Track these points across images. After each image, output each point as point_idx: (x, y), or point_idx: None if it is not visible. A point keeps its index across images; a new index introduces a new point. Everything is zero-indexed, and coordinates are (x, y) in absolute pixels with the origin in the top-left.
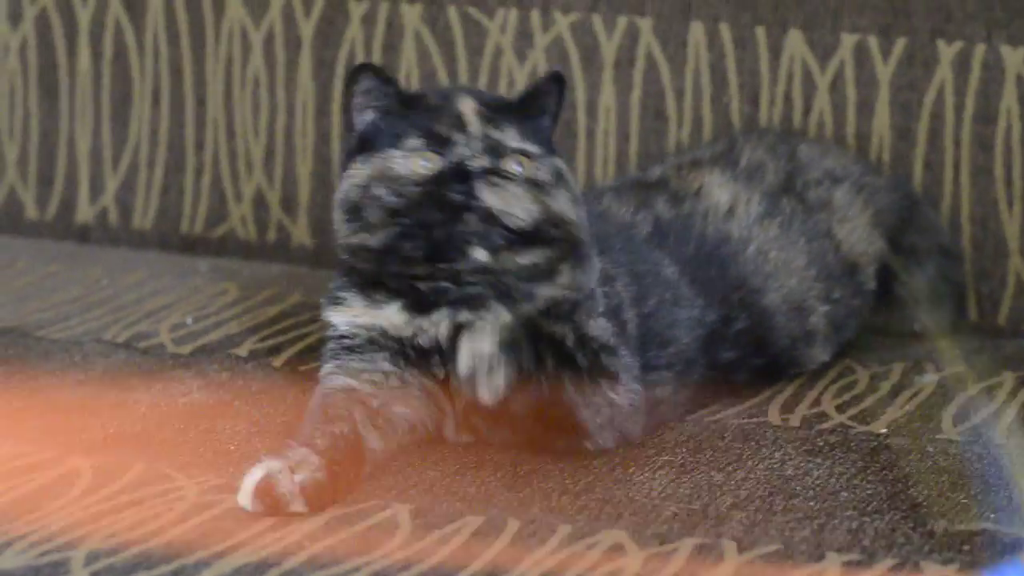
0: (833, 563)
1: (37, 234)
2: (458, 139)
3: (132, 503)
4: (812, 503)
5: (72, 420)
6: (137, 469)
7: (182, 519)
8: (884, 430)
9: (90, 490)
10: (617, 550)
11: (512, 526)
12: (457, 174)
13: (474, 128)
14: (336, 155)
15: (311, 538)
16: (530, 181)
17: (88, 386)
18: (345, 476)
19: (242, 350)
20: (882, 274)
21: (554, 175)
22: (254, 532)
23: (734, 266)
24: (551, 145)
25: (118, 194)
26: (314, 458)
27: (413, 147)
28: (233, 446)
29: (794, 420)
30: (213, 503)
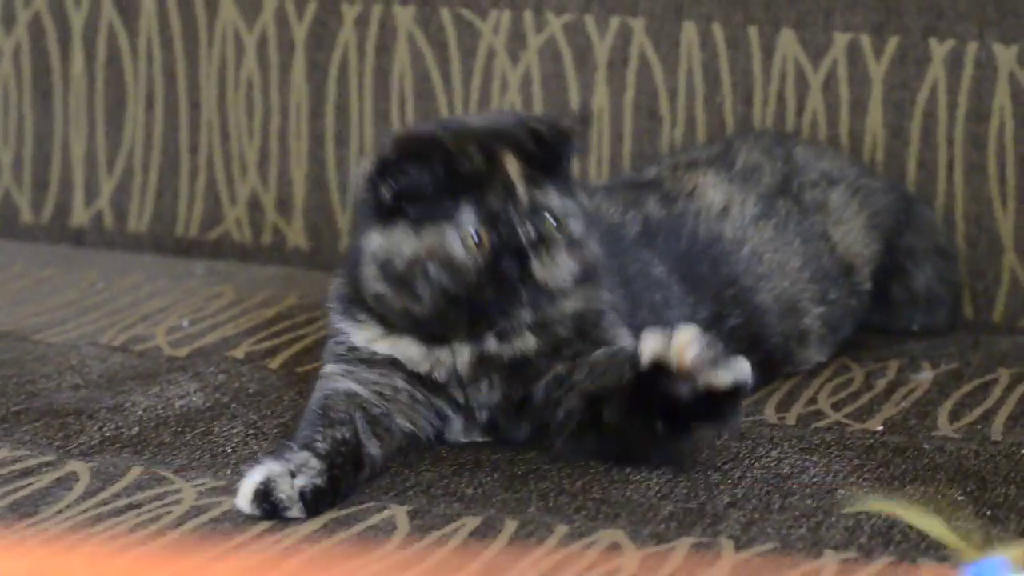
0: (830, 560)
1: (32, 238)
2: (509, 212)
3: (130, 506)
4: (809, 501)
5: (69, 424)
6: (135, 472)
7: (180, 522)
8: (880, 427)
9: (88, 494)
10: (614, 549)
11: (510, 526)
12: (510, 249)
13: (522, 194)
14: (331, 156)
15: (309, 540)
16: (570, 241)
17: (85, 389)
18: (345, 481)
19: (238, 352)
20: (879, 275)
21: (584, 222)
22: (252, 534)
23: (726, 264)
24: (574, 184)
25: (113, 197)
26: (315, 462)
27: (466, 224)
28: (230, 448)
29: (790, 418)
30: (211, 506)
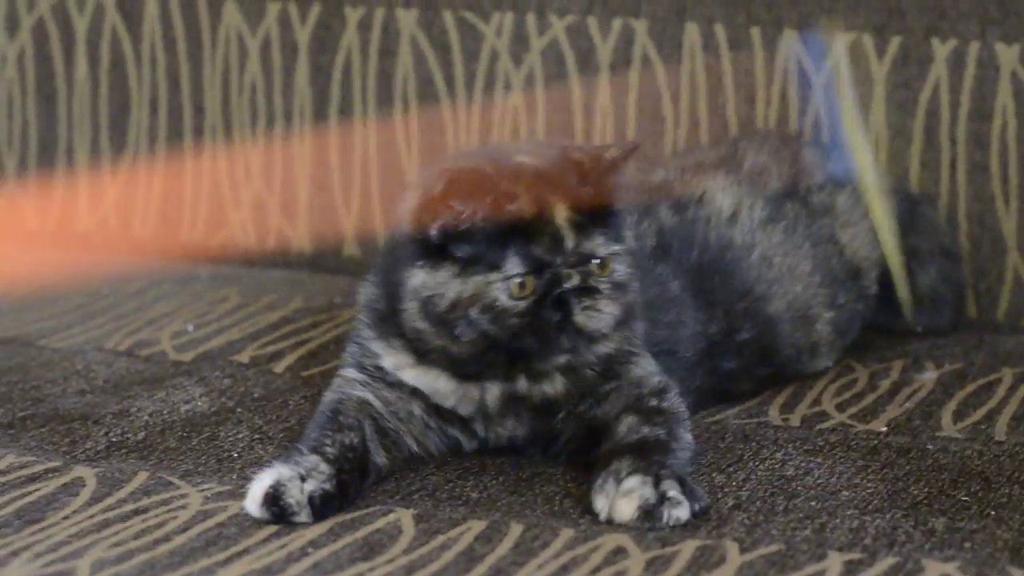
0: (835, 562)
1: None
2: (556, 261)
3: (136, 512)
4: (813, 503)
5: (75, 429)
6: (141, 478)
7: (186, 527)
8: (884, 428)
9: (94, 499)
10: (619, 553)
11: (515, 530)
12: (553, 297)
13: (569, 243)
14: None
15: (315, 544)
16: (614, 286)
17: (90, 395)
18: (352, 487)
19: (243, 356)
20: (884, 276)
21: (629, 265)
22: (257, 539)
23: (738, 275)
24: (623, 228)
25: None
26: (325, 467)
27: (513, 271)
28: (236, 453)
29: (794, 420)
30: (216, 510)
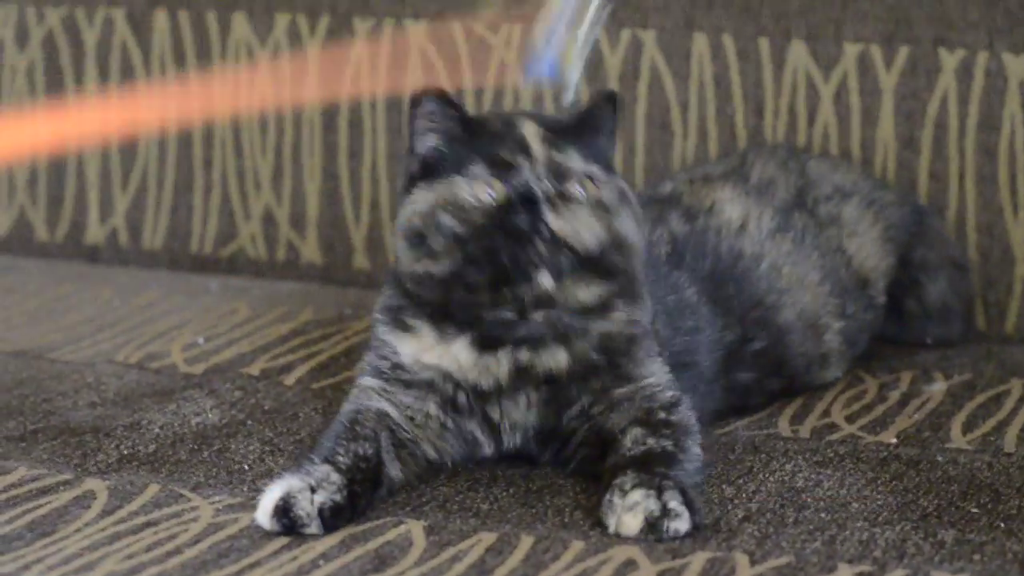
0: (845, 574)
1: (47, 255)
2: (522, 164)
3: (147, 524)
4: (823, 514)
5: (86, 442)
6: (152, 490)
7: (197, 539)
8: (894, 440)
9: (105, 512)
10: (630, 565)
11: (525, 542)
12: (523, 199)
13: (538, 152)
14: (344, 171)
15: (326, 556)
16: (596, 203)
17: (101, 407)
18: (364, 498)
19: (254, 369)
20: (893, 288)
21: (618, 196)
22: (269, 551)
23: (749, 284)
24: (611, 165)
25: (128, 214)
26: (336, 477)
27: (477, 174)
28: (247, 466)
29: (804, 431)
30: (228, 523)
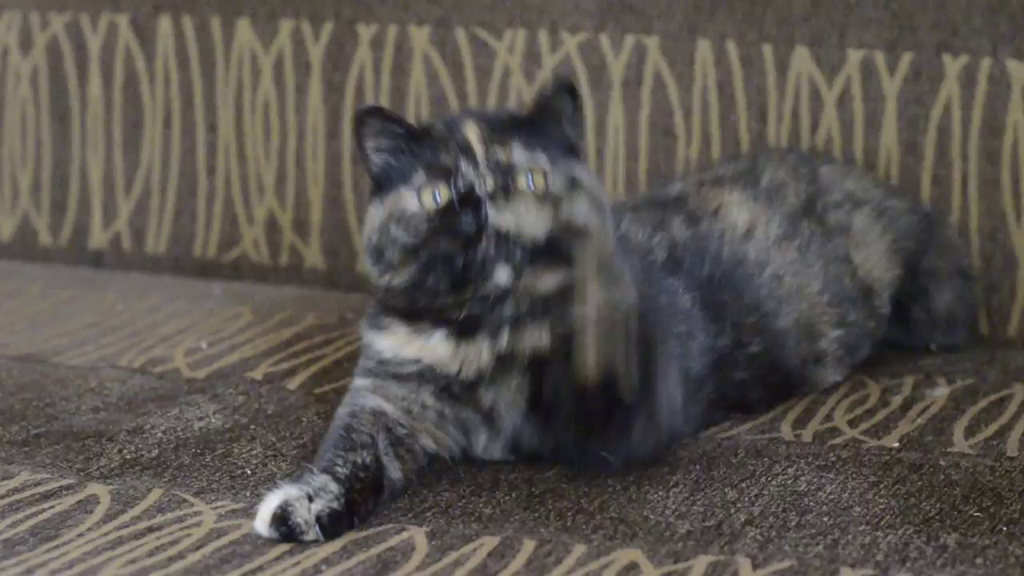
0: None
1: (51, 260)
2: (463, 166)
3: (150, 529)
4: (825, 518)
5: (89, 446)
6: (155, 495)
7: (200, 544)
8: (896, 444)
9: (108, 516)
10: (632, 568)
11: (528, 546)
12: (466, 201)
13: (479, 152)
14: (348, 176)
15: (328, 562)
16: (543, 193)
17: (104, 412)
18: (363, 505)
19: (257, 373)
20: (900, 295)
21: (567, 183)
22: (271, 557)
23: (749, 290)
24: (572, 150)
25: (131, 219)
26: (333, 486)
27: (419, 182)
28: (250, 470)
29: (806, 435)
30: (230, 528)
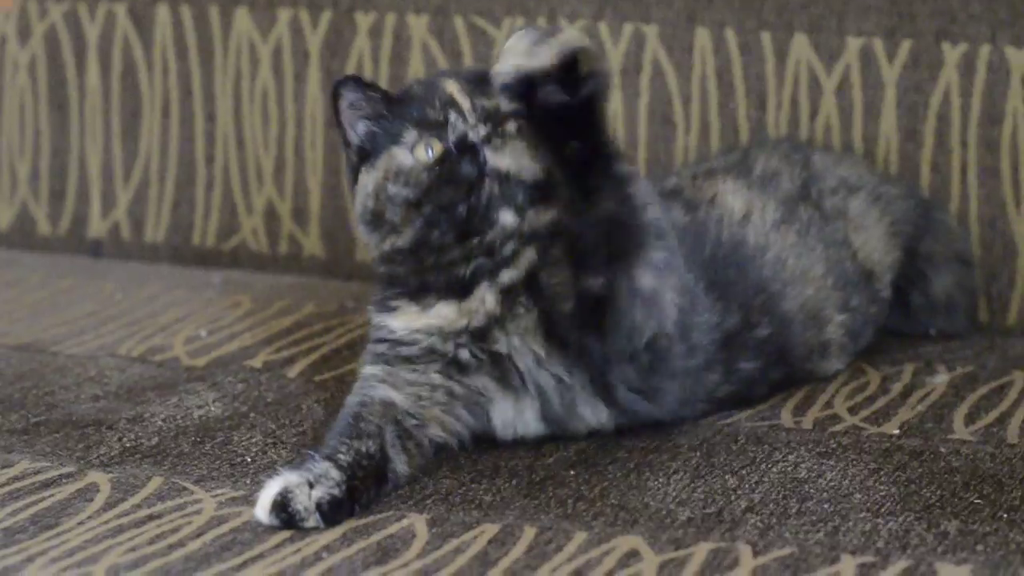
0: (848, 565)
1: (50, 249)
2: (452, 117)
3: (150, 517)
4: (826, 505)
5: (89, 434)
6: (155, 483)
7: (200, 532)
8: (896, 431)
9: (108, 505)
10: (633, 556)
11: (528, 533)
12: (462, 149)
13: (463, 103)
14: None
15: (329, 549)
16: (530, 135)
17: (104, 400)
18: (365, 493)
19: (256, 361)
20: (899, 281)
21: None
22: (272, 544)
23: (753, 270)
24: None
25: (130, 208)
26: (335, 473)
27: (412, 139)
28: (249, 458)
29: (806, 423)
30: (231, 516)
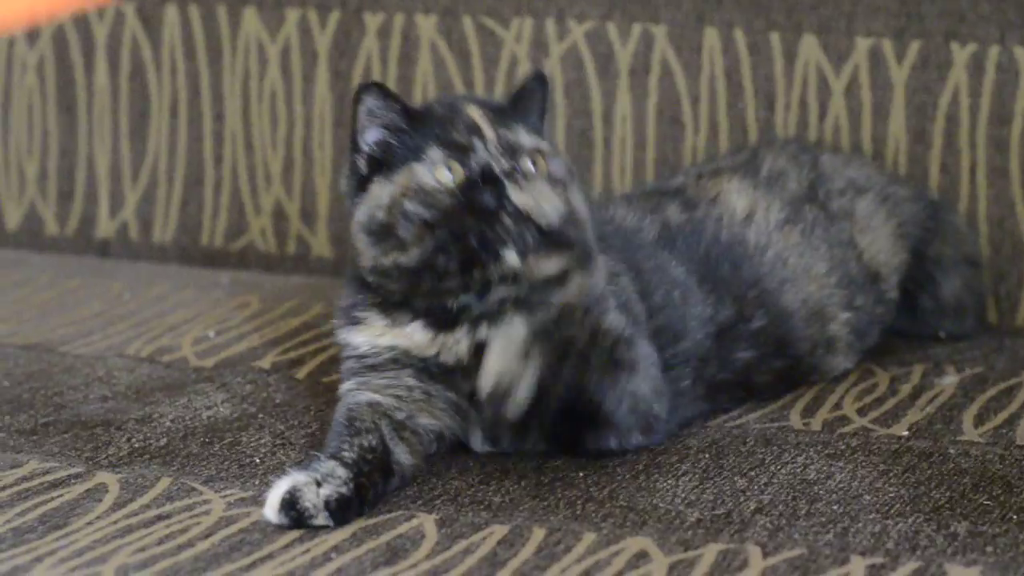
0: (857, 566)
1: (58, 250)
2: (477, 145)
3: (159, 517)
4: (835, 507)
5: (98, 435)
6: (163, 483)
7: (209, 533)
8: (905, 433)
9: (117, 505)
10: (642, 557)
11: (537, 534)
12: (485, 179)
13: (489, 132)
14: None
15: (338, 550)
16: (550, 178)
17: (113, 401)
18: (372, 489)
19: (265, 362)
20: (907, 283)
21: (567, 170)
22: (281, 544)
23: (748, 266)
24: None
25: (138, 208)
26: (341, 471)
27: (436, 159)
28: (258, 459)
29: (815, 424)
30: (239, 516)
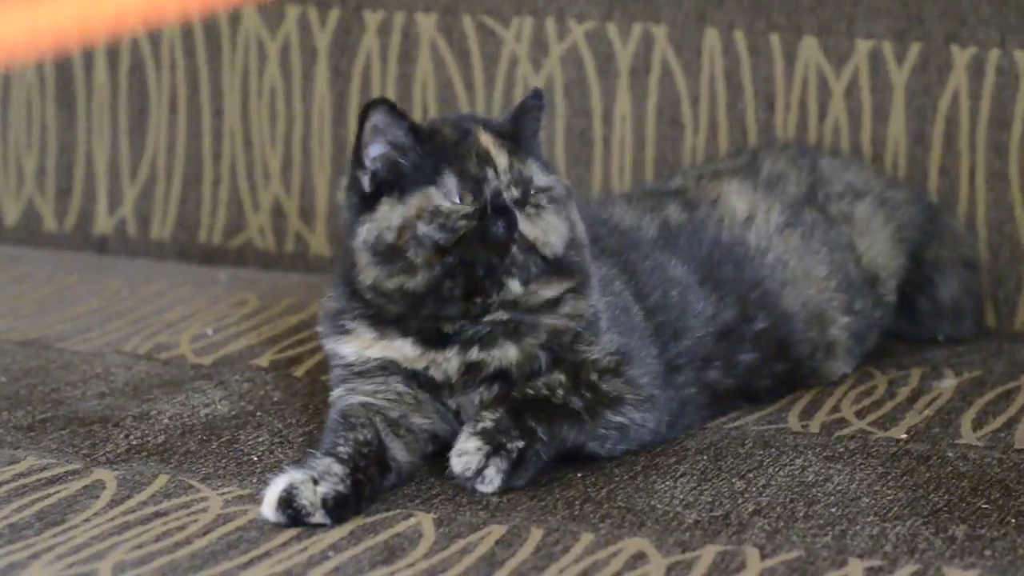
0: (855, 569)
1: (56, 246)
2: (490, 175)
3: (156, 515)
4: (833, 509)
5: (95, 432)
6: (161, 481)
7: (206, 530)
8: (904, 436)
9: (115, 502)
10: (640, 558)
11: (535, 535)
12: (497, 209)
13: (501, 162)
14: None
15: (335, 548)
16: (556, 209)
17: (110, 397)
18: (369, 486)
19: (263, 360)
20: (905, 286)
21: (568, 197)
22: (278, 543)
23: (750, 268)
24: (548, 163)
25: (136, 205)
26: (337, 468)
27: (451, 187)
28: (256, 457)
29: (814, 426)
30: (237, 514)
